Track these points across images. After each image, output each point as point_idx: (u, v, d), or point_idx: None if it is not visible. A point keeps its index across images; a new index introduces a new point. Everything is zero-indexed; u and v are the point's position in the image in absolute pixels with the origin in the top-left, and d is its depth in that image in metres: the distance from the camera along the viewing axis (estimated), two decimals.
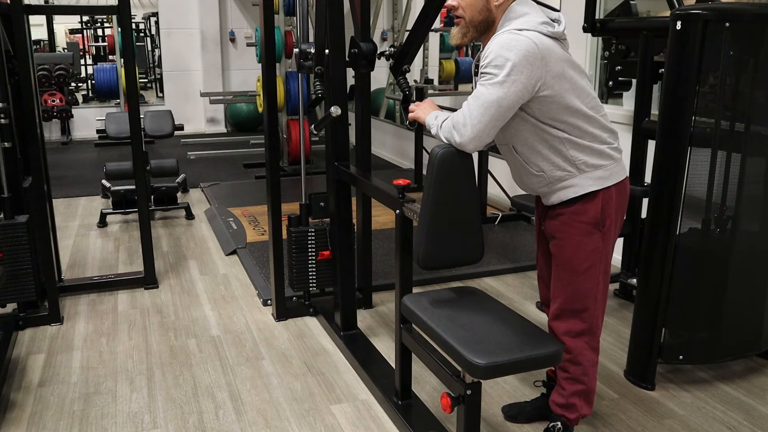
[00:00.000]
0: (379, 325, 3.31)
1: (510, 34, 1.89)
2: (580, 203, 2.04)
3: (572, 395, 2.20)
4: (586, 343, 2.14)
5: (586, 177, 2.02)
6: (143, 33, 12.46)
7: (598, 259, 2.08)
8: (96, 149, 8.29)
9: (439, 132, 2.05)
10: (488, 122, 1.92)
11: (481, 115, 1.91)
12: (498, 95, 1.88)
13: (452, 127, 1.98)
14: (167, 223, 5.12)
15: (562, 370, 2.20)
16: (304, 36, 4.21)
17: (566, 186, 2.04)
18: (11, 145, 3.19)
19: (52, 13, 5.84)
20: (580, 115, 1.98)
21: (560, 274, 2.13)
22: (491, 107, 1.90)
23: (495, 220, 4.87)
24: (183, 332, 3.25)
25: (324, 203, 3.27)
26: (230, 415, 2.54)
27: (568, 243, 2.08)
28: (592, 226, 2.05)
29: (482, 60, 1.94)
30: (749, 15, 2.48)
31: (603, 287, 2.13)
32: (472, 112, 1.93)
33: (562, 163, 2.02)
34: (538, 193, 2.16)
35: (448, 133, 2.00)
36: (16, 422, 2.49)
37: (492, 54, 1.89)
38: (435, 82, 8.34)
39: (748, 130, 2.57)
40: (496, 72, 1.87)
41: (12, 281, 3.14)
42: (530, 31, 1.89)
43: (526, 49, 1.85)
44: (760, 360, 2.91)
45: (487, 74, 1.90)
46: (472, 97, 1.95)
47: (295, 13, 6.30)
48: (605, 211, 2.05)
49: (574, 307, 2.11)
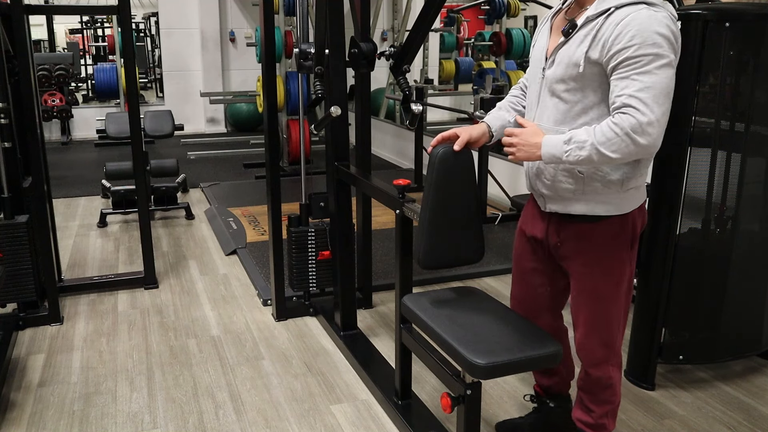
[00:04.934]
0: (379, 325, 3.31)
1: (648, 11, 1.63)
2: (609, 225, 1.86)
3: (602, 416, 2.08)
4: (612, 365, 2.03)
5: (624, 198, 1.84)
6: (143, 33, 12.46)
7: (627, 283, 1.95)
8: (96, 149, 8.29)
9: (597, 148, 1.65)
10: (668, 112, 1.65)
11: (663, 105, 1.63)
12: (669, 77, 1.63)
13: (627, 134, 1.63)
14: (167, 223, 5.12)
15: (589, 392, 2.08)
16: (304, 36, 4.21)
17: (599, 201, 1.83)
18: (11, 145, 3.19)
19: (52, 13, 5.84)
20: None
21: (585, 301, 1.97)
22: (670, 93, 1.64)
23: (495, 220, 4.88)
24: (183, 332, 3.25)
25: (324, 203, 3.27)
26: (230, 415, 2.54)
27: (597, 270, 1.91)
28: (623, 250, 1.90)
29: (612, 35, 1.65)
30: (749, 15, 2.48)
31: (627, 308, 2.01)
32: (652, 106, 1.61)
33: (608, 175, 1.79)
34: (556, 194, 1.90)
35: (619, 144, 1.64)
36: (16, 422, 2.49)
37: (640, 35, 1.61)
38: (435, 82, 8.35)
39: (748, 130, 2.57)
40: (656, 51, 1.60)
41: (12, 281, 3.14)
42: (662, 7, 1.67)
43: (670, 26, 1.64)
44: (760, 360, 2.91)
45: (642, 57, 1.61)
46: (639, 89, 1.62)
47: (295, 13, 6.31)
48: (633, 233, 1.91)
49: (602, 334, 1.98)
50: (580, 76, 1.75)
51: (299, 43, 3.15)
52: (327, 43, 2.90)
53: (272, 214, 3.30)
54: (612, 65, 1.67)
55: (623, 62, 1.64)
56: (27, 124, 3.25)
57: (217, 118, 9.74)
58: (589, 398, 2.10)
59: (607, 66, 1.69)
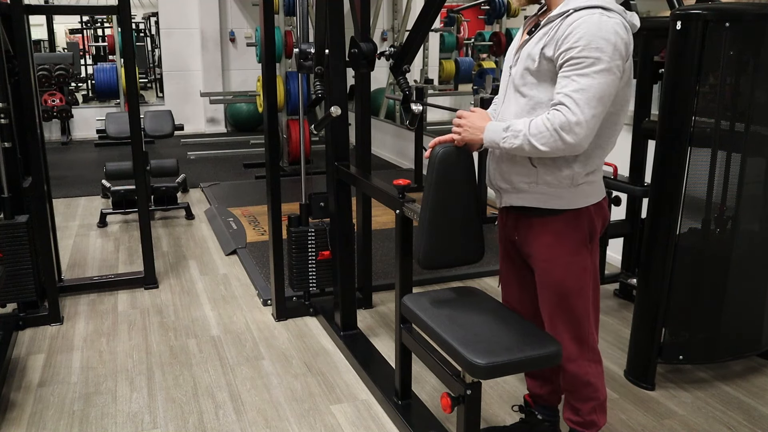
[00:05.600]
0: (379, 325, 3.31)
1: (600, 17, 1.69)
2: (564, 220, 1.91)
3: (589, 413, 2.08)
4: (587, 361, 2.03)
5: (577, 192, 1.88)
6: (143, 33, 12.46)
7: (589, 276, 1.97)
8: (96, 149, 8.29)
9: (529, 140, 1.73)
10: (599, 115, 1.70)
11: (594, 108, 1.68)
12: (607, 83, 1.68)
13: (556, 130, 1.69)
14: (167, 223, 5.12)
15: (570, 391, 2.10)
16: (304, 36, 4.21)
17: (551, 194, 1.89)
18: (11, 145, 3.19)
19: (52, 13, 5.83)
20: (616, 130, 1.86)
21: (548, 297, 2.00)
22: (604, 98, 1.69)
23: (495, 220, 4.86)
24: (183, 332, 3.25)
25: (324, 203, 3.27)
26: (230, 415, 2.54)
27: (556, 265, 1.94)
28: (581, 244, 1.93)
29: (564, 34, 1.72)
30: (749, 15, 2.48)
31: (594, 301, 2.02)
32: (583, 107, 1.67)
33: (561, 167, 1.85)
34: (512, 188, 1.97)
35: (548, 139, 1.71)
36: (16, 422, 2.49)
37: (585, 37, 1.67)
38: (435, 82, 8.35)
39: (748, 130, 2.57)
40: (597, 56, 1.66)
41: (12, 281, 3.14)
42: (617, 14, 1.72)
43: (619, 33, 1.69)
44: (760, 360, 2.91)
45: (584, 59, 1.68)
46: (574, 90, 1.68)
47: (295, 13, 6.30)
48: (591, 227, 1.93)
49: (570, 329, 2.00)
50: (537, 71, 1.82)
51: (299, 43, 3.15)
52: (327, 43, 2.90)
53: (272, 214, 3.30)
54: (559, 63, 1.74)
55: (568, 61, 1.71)
56: (27, 124, 3.25)
57: (217, 118, 9.74)
58: (572, 397, 2.12)
59: (557, 63, 1.76)
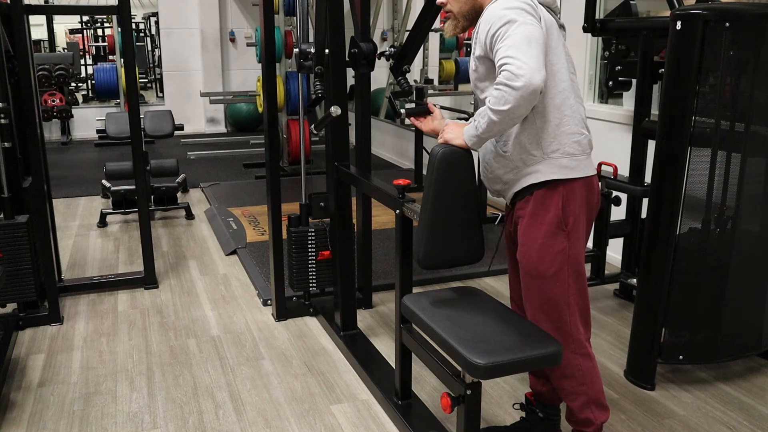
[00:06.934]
0: (379, 325, 3.31)
1: (498, 2, 1.87)
2: (540, 198, 1.95)
3: (581, 410, 2.09)
4: (572, 353, 2.03)
5: (550, 163, 1.93)
6: (143, 33, 12.47)
7: (565, 261, 1.97)
8: (96, 149, 8.30)
9: (492, 109, 1.80)
10: (536, 55, 1.76)
11: (526, 48, 1.75)
12: (528, 29, 1.78)
13: (505, 85, 1.76)
14: (167, 223, 5.12)
15: (560, 388, 2.11)
16: (304, 36, 4.21)
17: (528, 173, 1.96)
18: (11, 145, 3.19)
19: (52, 13, 5.83)
20: (562, 89, 1.91)
21: (527, 282, 2.03)
22: (531, 40, 1.77)
23: (495, 220, 4.87)
24: (183, 332, 3.25)
25: (324, 203, 3.27)
26: (230, 415, 2.54)
27: (531, 247, 1.98)
28: (555, 226, 1.95)
29: (481, 33, 1.88)
30: (749, 15, 2.48)
31: (576, 291, 2.01)
32: (515, 55, 1.75)
33: (528, 145, 1.93)
34: (503, 185, 2.05)
35: (504, 96, 1.76)
36: (16, 422, 2.49)
37: (492, 18, 1.83)
38: (435, 82, 8.34)
39: (748, 130, 2.57)
40: (507, 20, 1.79)
41: (12, 281, 3.14)
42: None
43: (515, 4, 1.83)
44: (760, 360, 2.91)
45: (499, 30, 1.80)
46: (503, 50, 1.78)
47: (295, 13, 6.30)
48: (567, 208, 1.95)
49: (547, 316, 2.02)
50: (482, 75, 1.98)
51: (299, 43, 3.15)
52: (327, 43, 2.90)
53: (272, 214, 3.30)
54: (491, 50, 1.87)
55: (492, 44, 1.85)
56: (27, 124, 3.25)
57: (217, 118, 9.75)
58: (561, 392, 2.13)
59: (491, 54, 1.88)
